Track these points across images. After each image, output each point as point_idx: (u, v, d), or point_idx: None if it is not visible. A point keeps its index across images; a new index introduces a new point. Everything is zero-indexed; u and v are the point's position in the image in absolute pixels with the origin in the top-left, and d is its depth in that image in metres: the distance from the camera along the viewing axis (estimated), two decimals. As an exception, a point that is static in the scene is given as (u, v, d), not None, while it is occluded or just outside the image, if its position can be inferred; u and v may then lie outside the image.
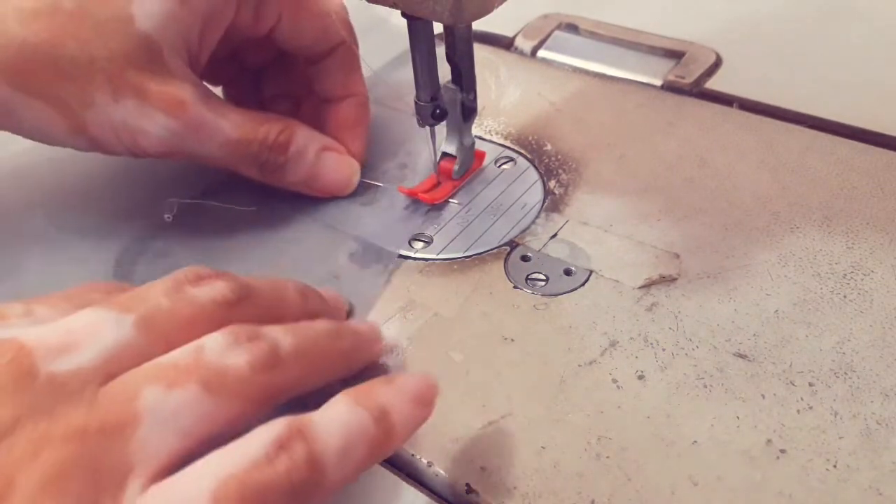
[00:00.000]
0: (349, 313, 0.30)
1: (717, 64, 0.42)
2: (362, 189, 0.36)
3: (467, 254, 0.32)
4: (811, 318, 0.28)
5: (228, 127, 0.30)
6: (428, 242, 0.33)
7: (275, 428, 0.19)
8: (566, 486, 0.23)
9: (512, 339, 0.28)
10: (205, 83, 0.31)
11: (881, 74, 0.41)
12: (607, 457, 0.24)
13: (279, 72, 0.37)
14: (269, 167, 0.32)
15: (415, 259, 0.32)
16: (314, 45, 0.34)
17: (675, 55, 0.43)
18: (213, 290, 0.22)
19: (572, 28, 0.46)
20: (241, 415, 0.20)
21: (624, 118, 0.39)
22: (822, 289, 0.29)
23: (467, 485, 0.24)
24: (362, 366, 0.26)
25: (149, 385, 0.19)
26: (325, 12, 0.33)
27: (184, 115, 0.29)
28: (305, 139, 0.32)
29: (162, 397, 0.19)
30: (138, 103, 0.28)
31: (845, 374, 0.26)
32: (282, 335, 0.22)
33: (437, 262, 0.32)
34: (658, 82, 0.41)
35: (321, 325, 0.24)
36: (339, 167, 0.33)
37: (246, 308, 0.23)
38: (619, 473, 0.24)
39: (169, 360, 0.20)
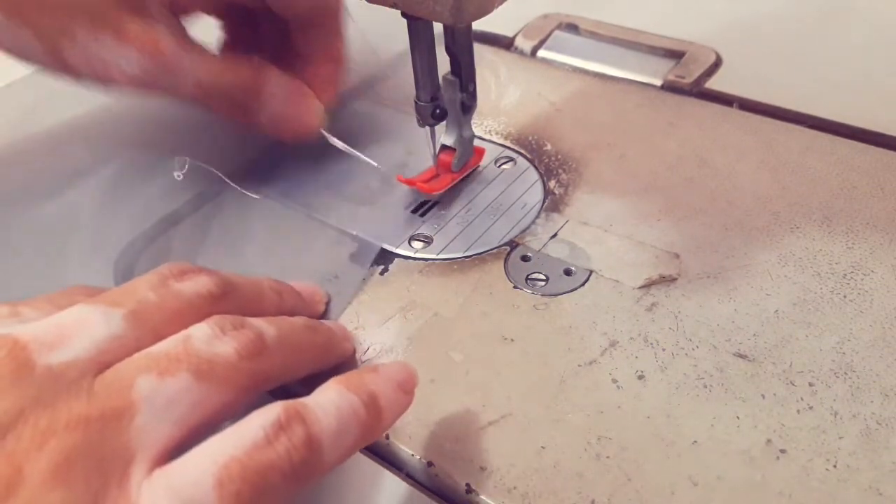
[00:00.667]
0: (328, 304, 0.30)
1: (717, 64, 0.42)
2: (362, 186, 0.36)
3: (467, 254, 0.32)
4: (811, 318, 0.28)
5: (202, 69, 0.31)
6: (428, 242, 0.33)
7: (273, 411, 0.20)
8: (566, 486, 0.23)
9: (512, 339, 0.28)
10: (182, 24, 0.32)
11: (881, 74, 0.41)
12: (607, 457, 0.24)
13: (271, 27, 0.37)
14: (239, 109, 0.32)
15: (415, 259, 0.32)
16: (303, 13, 0.35)
17: (675, 55, 0.43)
18: (197, 284, 0.23)
19: (572, 28, 0.46)
20: (231, 401, 0.21)
21: (624, 118, 0.39)
22: (822, 289, 0.29)
23: (467, 485, 0.24)
24: (335, 362, 0.27)
25: (142, 374, 0.20)
26: None
27: (158, 56, 0.29)
28: (276, 84, 0.32)
29: (156, 386, 0.19)
30: (116, 41, 0.29)
31: (845, 374, 0.26)
32: (265, 325, 0.23)
33: (437, 261, 0.32)
34: (658, 82, 0.41)
35: (298, 320, 0.25)
36: (305, 109, 0.33)
37: (228, 302, 0.24)
38: (619, 473, 0.24)
39: (159, 350, 0.21)
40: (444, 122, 0.34)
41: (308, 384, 0.23)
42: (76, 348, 0.20)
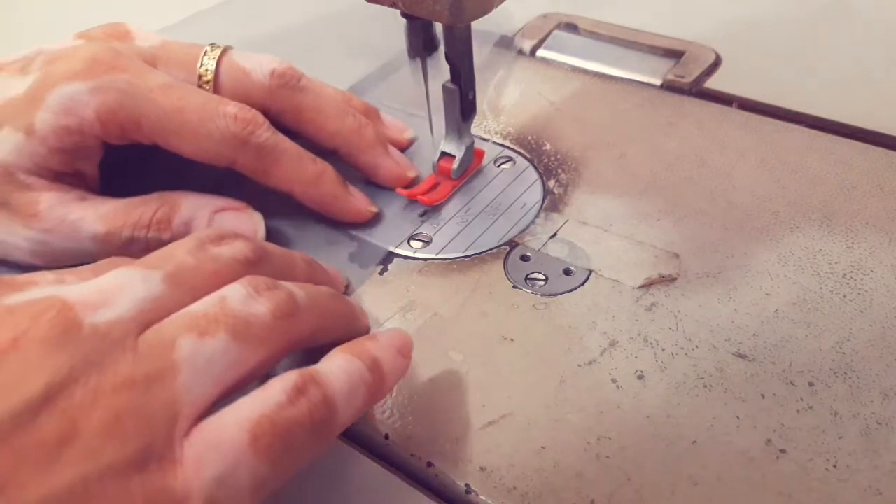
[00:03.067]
0: (347, 288, 0.31)
1: (717, 63, 0.42)
2: (361, 186, 0.36)
3: (467, 253, 0.32)
4: (811, 317, 0.28)
5: (94, 221, 0.30)
6: (427, 242, 0.33)
7: (289, 377, 0.21)
8: (566, 486, 0.23)
9: (512, 339, 0.28)
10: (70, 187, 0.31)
11: (881, 74, 0.41)
12: (607, 457, 0.24)
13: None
14: (155, 245, 0.30)
15: (414, 259, 0.32)
16: (337, 148, 0.35)
17: (675, 55, 0.43)
18: (234, 248, 0.24)
19: (572, 28, 0.46)
20: (264, 360, 0.22)
21: (624, 118, 0.39)
22: (821, 289, 0.29)
23: (467, 485, 0.24)
24: (353, 335, 0.27)
25: (183, 335, 0.20)
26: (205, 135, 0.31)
27: (38, 223, 0.30)
28: (193, 207, 0.31)
29: (196, 346, 0.20)
30: (6, 215, 0.30)
31: (845, 374, 0.26)
32: (296, 288, 0.24)
33: (437, 261, 0.32)
34: (658, 82, 0.41)
35: (324, 288, 0.26)
36: (238, 224, 0.32)
37: (263, 268, 0.24)
38: (619, 473, 0.24)
39: (197, 310, 0.21)
40: (443, 123, 0.34)
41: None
42: (119, 308, 0.20)
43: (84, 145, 0.30)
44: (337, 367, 0.23)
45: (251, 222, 0.32)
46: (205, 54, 0.33)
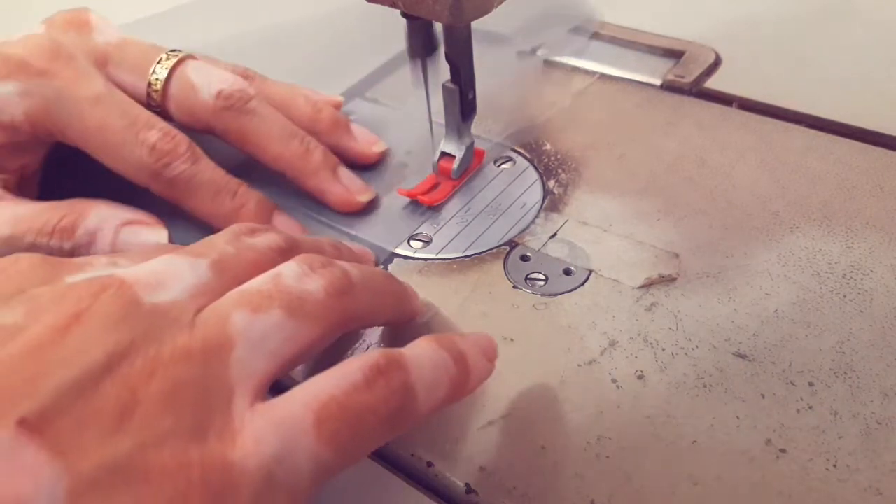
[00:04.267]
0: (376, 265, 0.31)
1: (717, 63, 0.42)
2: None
3: (466, 253, 0.32)
4: (811, 317, 0.28)
5: (1, 223, 0.29)
6: (427, 242, 0.33)
7: (372, 356, 0.21)
8: (566, 486, 0.23)
9: (512, 339, 0.28)
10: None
11: (881, 74, 0.41)
12: (607, 457, 0.24)
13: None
14: (56, 254, 0.29)
15: (414, 259, 0.32)
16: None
17: (675, 55, 0.43)
18: (267, 239, 0.24)
19: (572, 28, 0.46)
20: (320, 336, 0.22)
21: (623, 118, 0.39)
22: (821, 289, 0.29)
23: (467, 485, 0.24)
24: (407, 316, 0.27)
25: (237, 310, 0.20)
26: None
27: None
28: (99, 218, 0.30)
29: (250, 321, 0.20)
30: None
31: (845, 373, 0.26)
32: (349, 266, 0.24)
33: (437, 261, 0.32)
34: (657, 82, 0.41)
35: (378, 269, 0.26)
36: (143, 238, 0.31)
37: (295, 254, 0.24)
38: (619, 473, 0.24)
39: (252, 287, 0.21)
40: (443, 123, 0.34)
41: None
42: (174, 290, 0.21)
43: (17, 141, 0.30)
44: (423, 353, 0.22)
45: (157, 237, 0.31)
46: (159, 62, 0.32)
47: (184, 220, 0.32)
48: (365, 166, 0.37)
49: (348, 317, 0.23)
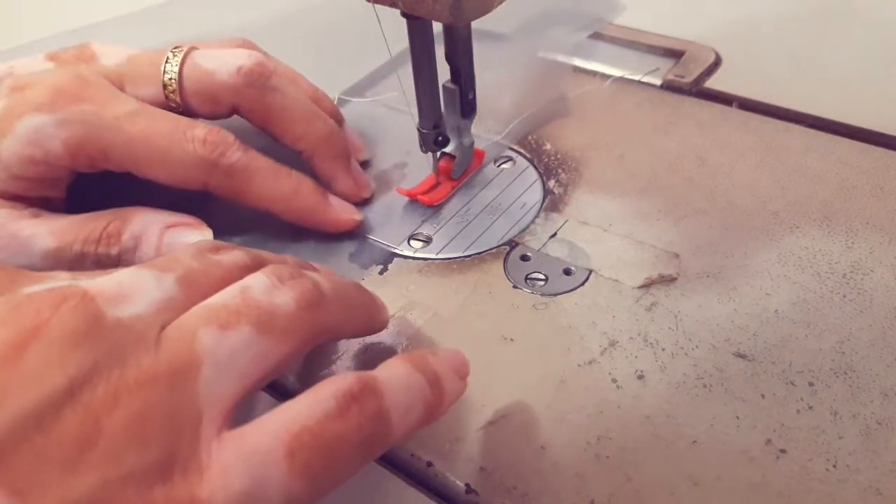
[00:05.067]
0: None
1: (717, 63, 0.42)
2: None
3: (466, 253, 0.32)
4: (811, 317, 0.28)
5: (45, 237, 0.30)
6: (427, 242, 0.33)
7: (346, 380, 0.20)
8: (566, 486, 0.23)
9: (511, 339, 0.28)
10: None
11: (881, 74, 0.41)
12: (607, 457, 0.24)
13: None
14: (104, 260, 0.30)
15: (414, 259, 0.32)
16: (306, 148, 0.34)
17: (675, 54, 0.43)
18: (234, 256, 0.24)
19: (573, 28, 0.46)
20: (291, 353, 0.21)
21: (624, 118, 0.39)
22: (821, 288, 0.29)
23: (467, 485, 0.24)
24: (377, 328, 0.27)
25: (203, 328, 0.19)
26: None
27: None
28: (143, 223, 0.31)
29: (218, 339, 0.19)
30: None
31: (845, 373, 0.26)
32: (319, 277, 0.23)
33: (437, 261, 0.32)
34: (658, 82, 0.41)
35: (347, 279, 0.26)
36: (189, 239, 0.31)
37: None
38: (619, 473, 0.24)
39: (217, 301, 0.20)
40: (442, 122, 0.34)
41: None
42: (139, 304, 0.20)
43: (49, 175, 0.30)
44: (397, 376, 0.21)
45: (202, 238, 0.31)
46: (166, 61, 0.32)
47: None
48: (366, 165, 0.37)
49: (319, 330, 0.22)
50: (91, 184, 0.32)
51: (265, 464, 0.18)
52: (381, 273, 0.32)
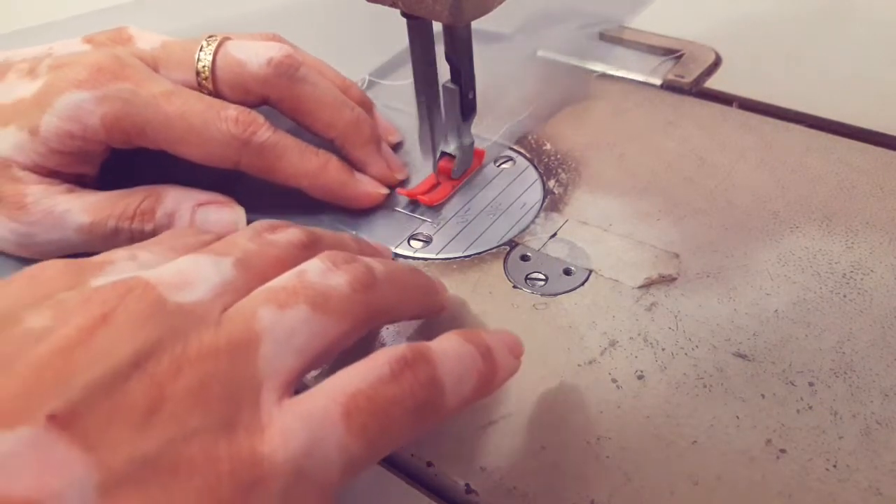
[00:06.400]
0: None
1: (717, 63, 0.42)
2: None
3: (466, 253, 0.32)
4: (811, 317, 0.28)
5: (80, 213, 0.31)
6: (427, 242, 0.33)
7: (399, 349, 0.21)
8: (566, 486, 0.23)
9: (511, 339, 0.28)
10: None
11: (881, 74, 0.41)
12: (607, 457, 0.24)
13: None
14: (138, 236, 0.31)
15: (414, 259, 0.32)
16: (337, 135, 0.35)
17: (675, 55, 0.43)
18: (290, 234, 0.24)
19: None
20: (346, 332, 0.22)
21: (624, 117, 0.39)
22: (821, 288, 0.29)
23: (467, 485, 0.24)
24: (434, 310, 0.27)
25: (262, 307, 0.20)
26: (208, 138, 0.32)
27: (24, 216, 0.30)
28: (176, 200, 0.32)
29: (276, 317, 0.20)
30: None
31: (845, 373, 0.26)
32: (373, 261, 0.24)
33: (436, 261, 0.32)
34: (658, 81, 0.41)
35: (401, 262, 0.26)
36: (220, 217, 0.32)
37: (317, 249, 0.24)
38: (618, 473, 0.24)
39: (277, 284, 0.21)
40: (443, 123, 0.34)
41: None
42: (199, 290, 0.21)
43: (86, 150, 0.31)
44: (450, 347, 0.22)
45: (233, 215, 0.32)
46: (200, 49, 0.33)
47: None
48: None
49: (373, 311, 0.23)
50: (122, 164, 0.33)
51: (323, 424, 0.19)
52: (381, 273, 0.32)
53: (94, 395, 0.17)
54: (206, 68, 0.33)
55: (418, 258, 0.32)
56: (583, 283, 0.30)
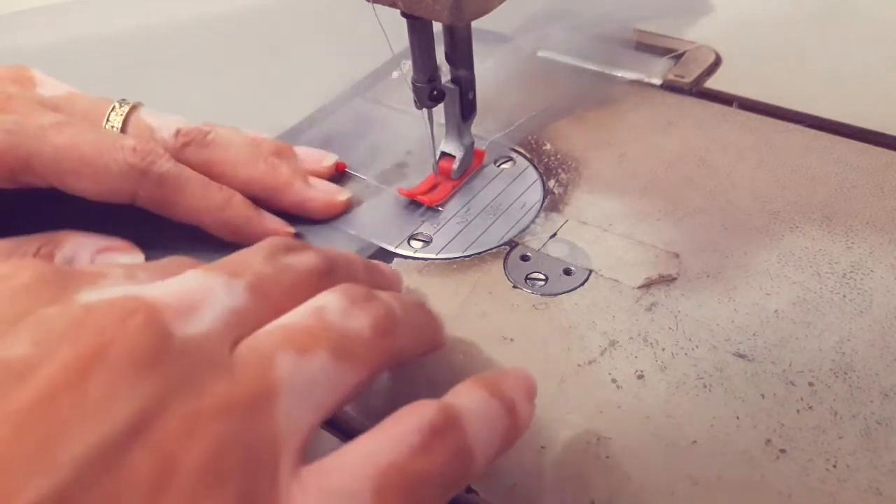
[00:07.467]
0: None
1: (717, 63, 0.42)
2: (360, 188, 0.36)
3: (466, 253, 0.32)
4: (811, 317, 0.28)
5: None
6: (427, 242, 0.33)
7: (425, 412, 0.19)
8: (566, 486, 0.23)
9: (511, 339, 0.28)
10: None
11: (881, 74, 0.41)
12: (607, 457, 0.24)
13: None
14: None
15: (414, 259, 0.32)
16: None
17: (675, 55, 0.43)
18: (307, 259, 0.22)
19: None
20: (363, 382, 0.20)
21: (624, 117, 0.39)
22: (821, 288, 0.29)
23: (467, 484, 0.24)
24: (436, 348, 0.25)
25: (281, 351, 0.18)
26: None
27: None
28: (75, 246, 0.30)
29: (296, 366, 0.18)
30: None
31: (845, 373, 0.26)
32: (391, 299, 0.22)
33: (437, 261, 0.32)
34: (658, 81, 0.41)
35: (409, 297, 0.24)
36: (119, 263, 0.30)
37: (334, 279, 0.22)
38: (619, 473, 0.24)
39: (294, 322, 0.19)
40: (443, 123, 0.34)
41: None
42: (208, 318, 0.18)
43: None
44: (477, 406, 0.20)
45: (134, 261, 0.30)
46: (112, 110, 0.32)
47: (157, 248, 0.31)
48: (363, 165, 0.37)
49: (391, 357, 0.21)
50: (19, 208, 0.31)
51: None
52: (381, 273, 0.32)
53: (89, 472, 0.15)
54: (116, 129, 0.31)
55: (418, 258, 0.32)
56: (583, 283, 0.30)
